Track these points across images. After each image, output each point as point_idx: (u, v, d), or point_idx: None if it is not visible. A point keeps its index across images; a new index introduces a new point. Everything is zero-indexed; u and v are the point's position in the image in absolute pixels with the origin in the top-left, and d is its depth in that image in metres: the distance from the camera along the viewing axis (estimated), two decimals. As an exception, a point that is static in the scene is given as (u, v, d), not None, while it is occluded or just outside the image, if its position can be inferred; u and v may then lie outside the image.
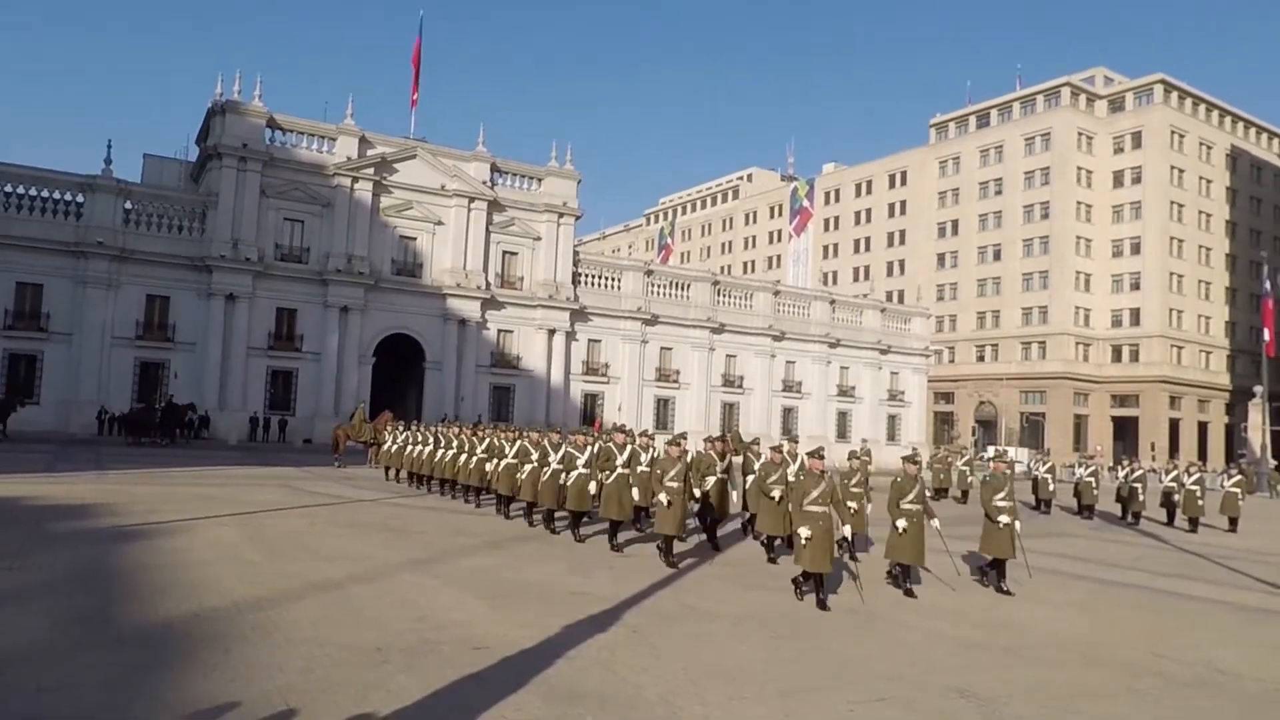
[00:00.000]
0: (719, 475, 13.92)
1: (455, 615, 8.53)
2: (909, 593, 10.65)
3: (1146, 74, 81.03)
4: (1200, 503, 21.66)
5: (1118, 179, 78.97)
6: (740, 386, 56.01)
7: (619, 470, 12.96)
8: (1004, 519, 11.13)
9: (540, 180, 50.92)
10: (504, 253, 49.40)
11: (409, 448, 22.42)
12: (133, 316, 40.89)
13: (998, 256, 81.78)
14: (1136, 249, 77.09)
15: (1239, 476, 24.20)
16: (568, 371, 50.33)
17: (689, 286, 55.31)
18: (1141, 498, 23.12)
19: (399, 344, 46.50)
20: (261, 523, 14.42)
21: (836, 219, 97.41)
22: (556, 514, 14.88)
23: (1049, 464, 26.67)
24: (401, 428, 24.53)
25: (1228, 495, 22.56)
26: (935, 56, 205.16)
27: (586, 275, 52.10)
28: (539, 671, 6.67)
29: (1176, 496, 22.37)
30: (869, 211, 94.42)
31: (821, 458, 10.52)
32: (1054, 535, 18.57)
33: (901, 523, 10.67)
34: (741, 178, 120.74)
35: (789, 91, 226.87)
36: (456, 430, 20.17)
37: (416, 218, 46.85)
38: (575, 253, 52.13)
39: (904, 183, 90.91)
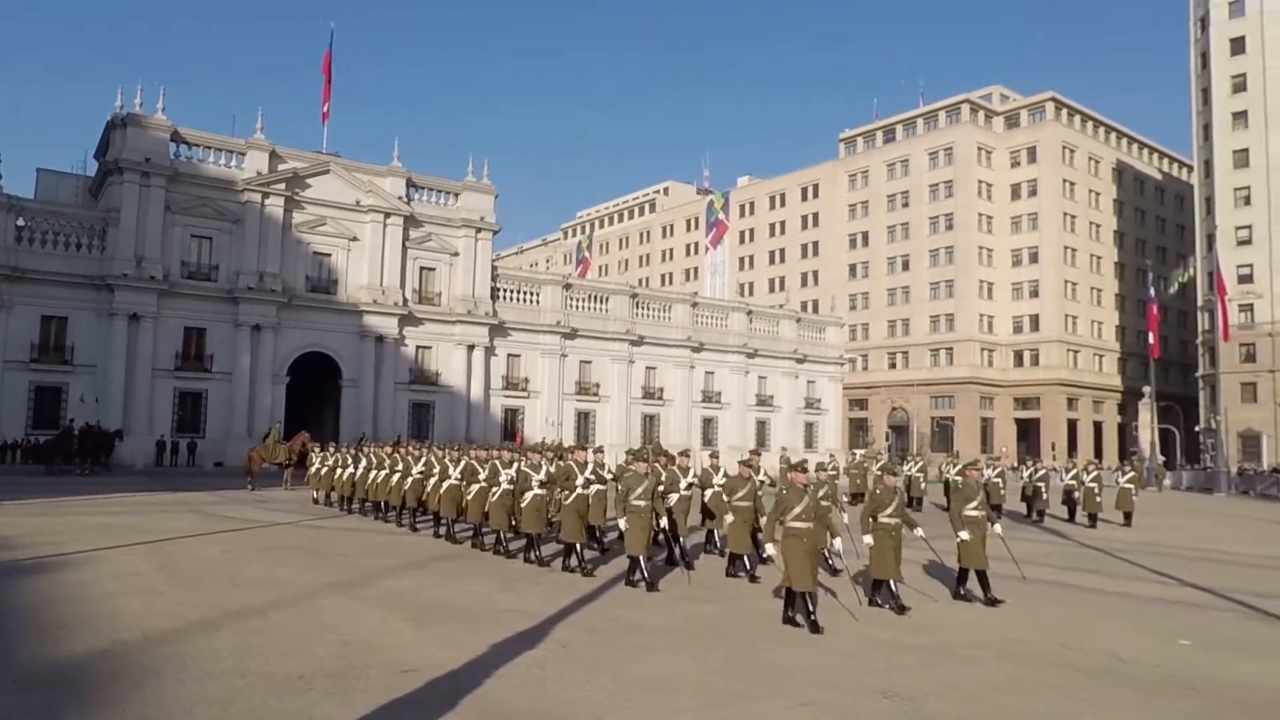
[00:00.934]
0: (682, 492, 13.33)
1: (381, 638, 8.40)
2: (901, 609, 10.12)
3: (1039, 92, 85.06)
4: (1098, 499, 22.73)
5: (1015, 191, 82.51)
6: (660, 398, 56.37)
7: (579, 490, 12.25)
8: (964, 534, 10.74)
9: (457, 195, 50.45)
10: (421, 268, 48.71)
11: (339, 470, 21.56)
12: (27, 339, 38.83)
13: (906, 266, 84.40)
14: (1034, 258, 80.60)
15: (1131, 473, 25.50)
16: (488, 387, 49.88)
17: (607, 300, 55.47)
18: (1045, 496, 24.16)
19: (315, 362, 45.35)
20: (172, 551, 13.89)
21: (752, 231, 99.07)
22: (505, 535, 14.22)
23: (959, 466, 27.58)
24: (333, 449, 23.47)
25: (1122, 491, 23.73)
26: (842, 73, 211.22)
27: (505, 290, 51.78)
28: (469, 692, 6.62)
29: (1076, 494, 23.42)
30: (783, 224, 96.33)
31: (805, 470, 9.88)
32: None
33: (868, 539, 10.19)
34: (658, 191, 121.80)
35: (702, 105, 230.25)
36: (389, 450, 19.51)
37: (331, 234, 45.84)
38: (493, 267, 51.76)
39: (816, 195, 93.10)
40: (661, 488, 12.70)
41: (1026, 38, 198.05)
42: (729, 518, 12.25)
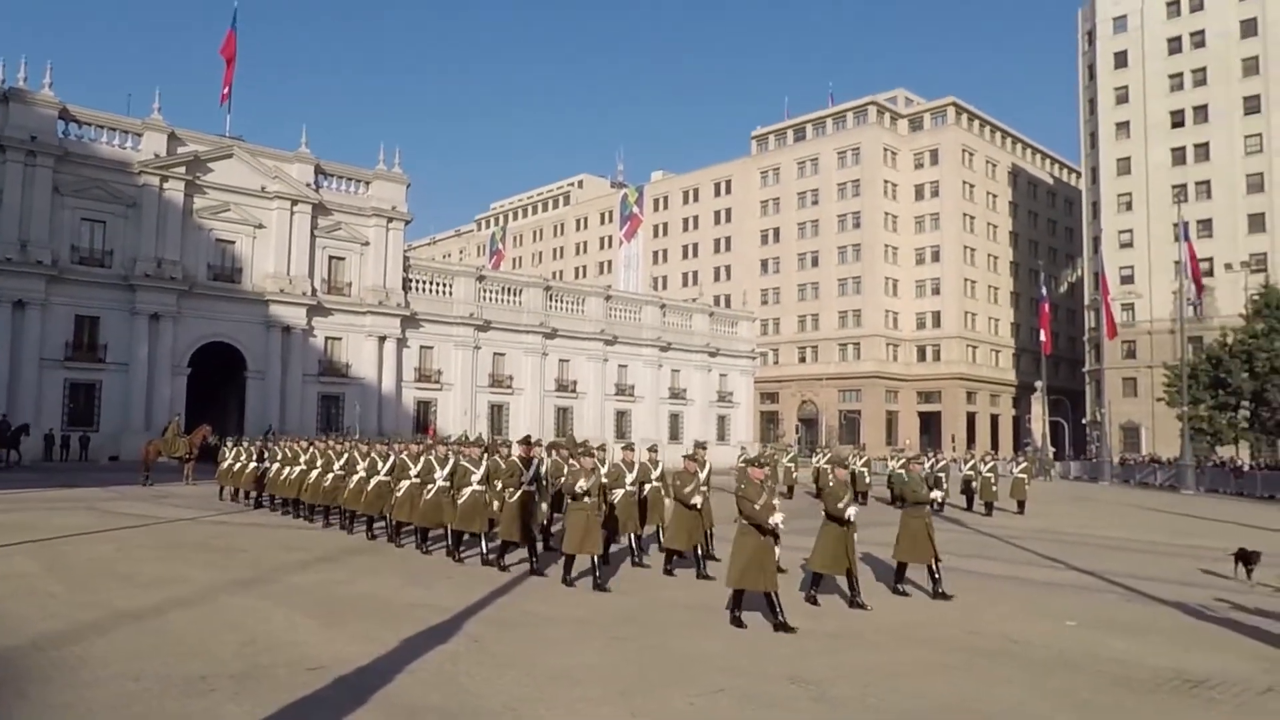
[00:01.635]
0: (627, 488, 12.79)
1: (287, 636, 8.21)
2: (814, 600, 10.22)
3: (941, 96, 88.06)
4: (994, 489, 23.79)
5: (919, 192, 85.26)
6: (574, 391, 56.29)
7: (525, 487, 11.75)
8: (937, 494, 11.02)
9: (368, 184, 49.24)
10: (330, 258, 47.39)
11: (249, 464, 20.51)
12: (-104, 325, 36.29)
13: (815, 263, 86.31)
14: (936, 256, 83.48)
15: (1025, 463, 26.79)
16: (399, 379, 48.94)
17: (521, 292, 55.06)
18: (945, 486, 25.10)
19: (218, 353, 43.64)
20: (62, 549, 13.23)
21: (665, 225, 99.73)
22: (432, 533, 13.60)
23: (865, 458, 28.49)
24: (247, 444, 22.16)
25: (1016, 481, 24.93)
26: (755, 72, 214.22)
27: (417, 281, 50.84)
28: (378, 688, 6.54)
29: (974, 483, 24.44)
30: (696, 218, 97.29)
31: (763, 465, 9.66)
32: (873, 525, 19.77)
33: (852, 510, 10.00)
34: (573, 184, 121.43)
35: (617, 99, 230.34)
36: (306, 444, 18.49)
37: (234, 220, 44.14)
38: (406, 258, 50.75)
39: (729, 191, 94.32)
40: (605, 482, 12.33)
41: (929, 44, 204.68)
42: (696, 499, 11.70)
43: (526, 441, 12.70)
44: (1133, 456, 58.62)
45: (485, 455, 12.87)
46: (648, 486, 13.50)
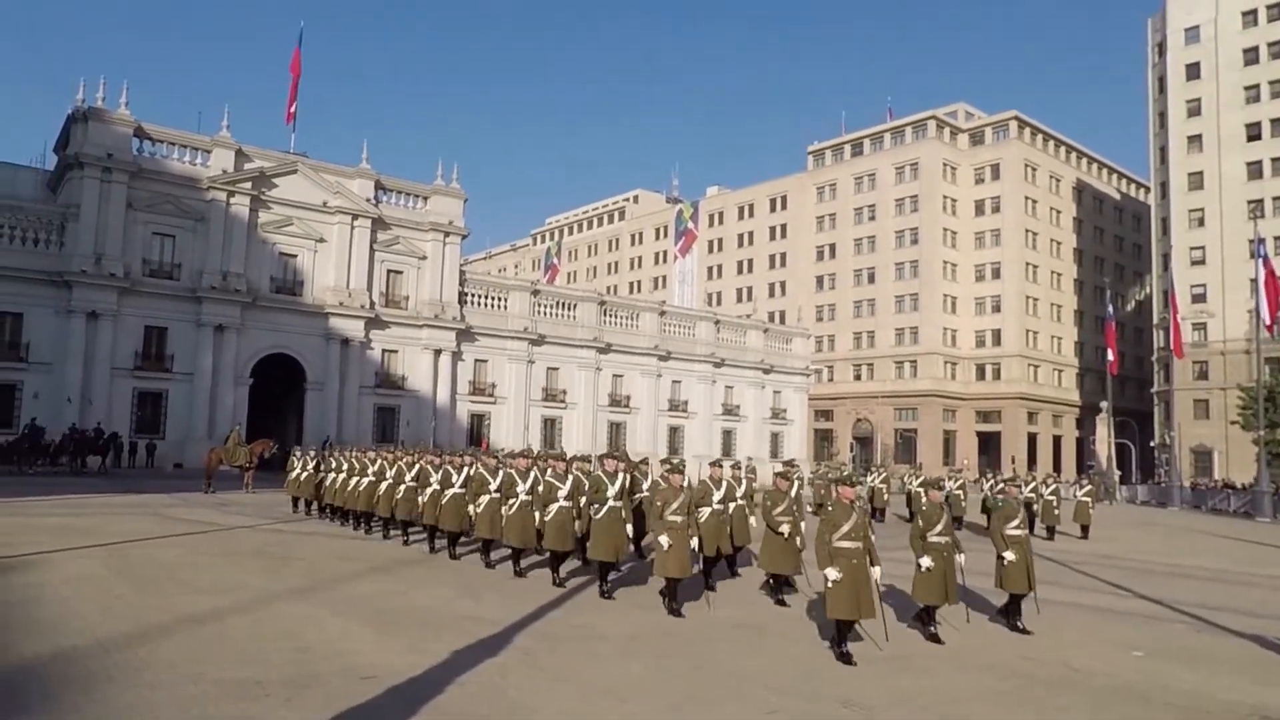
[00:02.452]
0: (714, 506, 12.22)
1: (340, 644, 8.31)
2: (934, 638, 9.45)
3: (1002, 110, 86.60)
4: (1056, 512, 23.10)
5: (979, 208, 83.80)
6: (627, 406, 56.38)
7: (610, 503, 11.12)
8: (1009, 555, 10.04)
9: (426, 199, 50.15)
10: (389, 271, 48.34)
11: (324, 475, 20.16)
12: (-21, 335, 37.95)
13: (872, 279, 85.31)
14: (997, 273, 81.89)
15: (1089, 486, 26.01)
16: (454, 392, 49.59)
17: (575, 307, 55.42)
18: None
19: (279, 364, 44.77)
20: (128, 554, 13.63)
21: (720, 241, 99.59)
22: (523, 554, 12.89)
23: (921, 478, 27.93)
24: (313, 454, 21.99)
25: (1079, 504, 24.19)
26: (811, 87, 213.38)
27: (473, 295, 51.54)
28: (429, 699, 6.59)
29: (1035, 506, 23.76)
30: (751, 234, 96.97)
31: (854, 484, 9.08)
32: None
33: (926, 560, 9.29)
34: (628, 199, 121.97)
35: (673, 114, 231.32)
36: (372, 455, 17.97)
37: (297, 234, 45.32)
38: (461, 272, 51.50)
39: (784, 207, 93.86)
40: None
41: (991, 57, 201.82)
42: (785, 527, 11.08)
43: (613, 456, 12.17)
44: (1204, 481, 56.59)
45: (569, 470, 12.41)
46: (732, 505, 12.84)
